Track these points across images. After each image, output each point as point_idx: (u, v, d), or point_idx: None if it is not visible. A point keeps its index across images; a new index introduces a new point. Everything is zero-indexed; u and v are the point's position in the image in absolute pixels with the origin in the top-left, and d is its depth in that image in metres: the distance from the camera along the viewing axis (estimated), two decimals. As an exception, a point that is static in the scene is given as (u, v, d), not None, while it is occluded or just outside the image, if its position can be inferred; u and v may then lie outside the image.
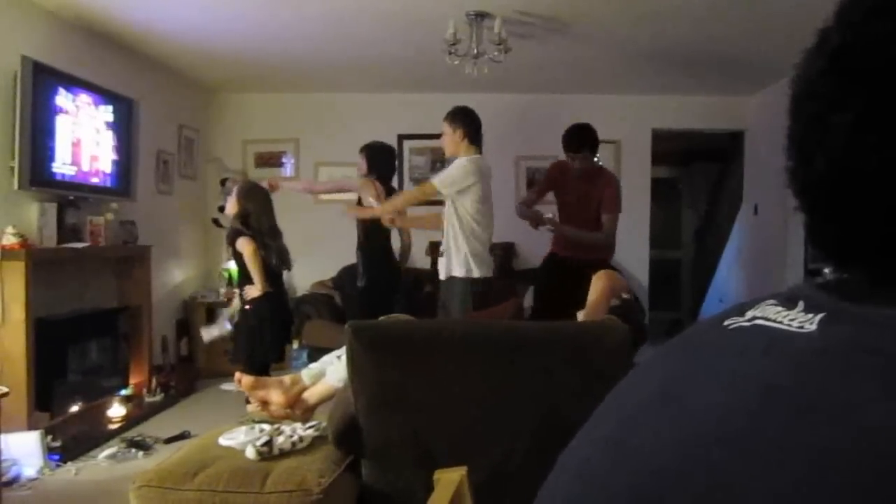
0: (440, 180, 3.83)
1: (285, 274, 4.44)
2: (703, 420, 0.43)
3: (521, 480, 1.93)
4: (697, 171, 8.96)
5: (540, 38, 4.87)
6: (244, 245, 4.05)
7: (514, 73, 5.54)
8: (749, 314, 0.49)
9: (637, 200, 6.78)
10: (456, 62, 4.48)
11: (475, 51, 4.46)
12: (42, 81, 4.04)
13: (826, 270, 0.56)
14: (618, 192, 4.44)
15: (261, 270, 4.05)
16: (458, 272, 3.80)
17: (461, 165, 3.80)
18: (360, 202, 4.61)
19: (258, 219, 4.14)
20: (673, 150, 7.92)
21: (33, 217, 4.15)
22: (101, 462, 3.89)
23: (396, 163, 5.18)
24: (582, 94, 6.63)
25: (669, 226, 8.89)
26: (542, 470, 0.57)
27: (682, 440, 0.43)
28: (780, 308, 0.47)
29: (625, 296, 1.99)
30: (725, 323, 0.50)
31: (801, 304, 0.46)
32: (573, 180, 4.42)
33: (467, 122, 3.90)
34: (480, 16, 4.34)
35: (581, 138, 4.32)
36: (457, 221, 3.81)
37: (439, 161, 6.66)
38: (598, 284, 2.63)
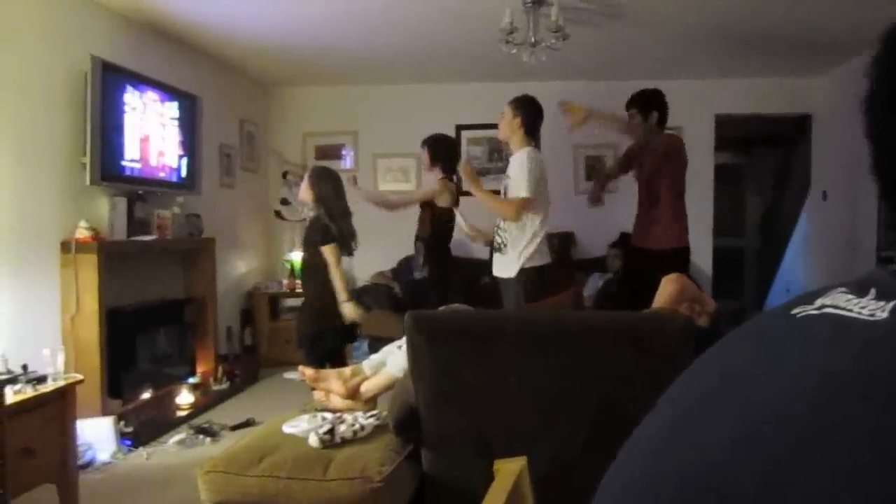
0: (528, 188, 3.74)
1: (346, 261, 4.41)
2: (762, 409, 0.42)
3: (580, 470, 1.92)
4: (762, 156, 8.73)
5: (597, 24, 4.81)
6: (330, 253, 3.97)
7: (571, 60, 5.48)
8: (818, 302, 0.48)
9: (700, 187, 6.63)
10: (513, 51, 4.45)
11: (532, 39, 4.42)
12: (111, 80, 4.16)
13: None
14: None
15: (344, 280, 4.04)
16: (516, 262, 3.79)
17: (534, 159, 3.80)
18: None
19: (333, 201, 4.07)
20: (736, 135, 7.72)
21: (104, 211, 4.29)
22: (171, 447, 4.02)
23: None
24: (641, 80, 6.45)
25: (733, 213, 8.68)
26: (602, 460, 0.56)
27: (740, 429, 0.42)
28: (850, 296, 0.46)
29: (701, 322, 1.90)
30: (793, 312, 0.49)
31: (872, 292, 0.45)
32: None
33: (529, 111, 3.89)
34: (537, 3, 4.30)
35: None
36: (526, 213, 3.80)
37: (497, 151, 6.64)
38: (666, 289, 2.54)
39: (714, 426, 0.45)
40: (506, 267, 3.87)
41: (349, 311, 4.02)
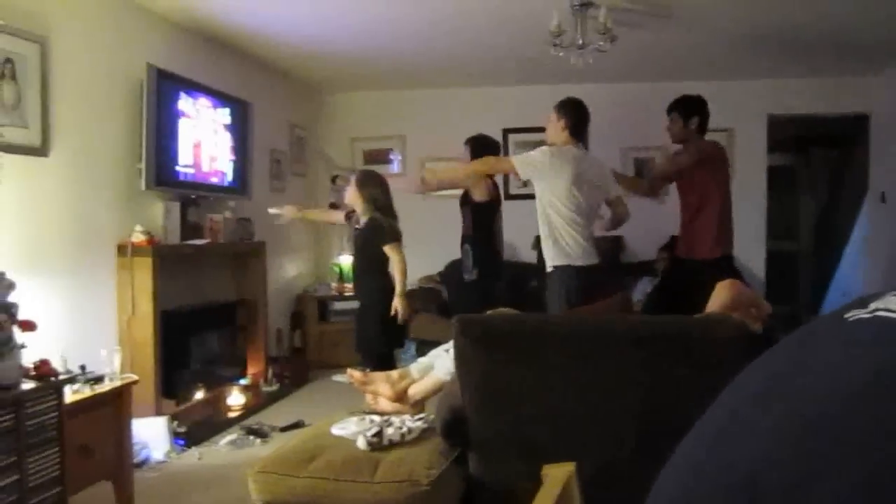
0: (519, 157, 3.81)
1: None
2: (802, 408, 0.42)
3: (629, 476, 1.90)
4: (816, 157, 8.51)
5: (646, 26, 4.75)
6: (397, 250, 3.99)
7: (619, 62, 5.42)
8: (872, 306, 0.47)
9: (752, 190, 6.51)
10: (560, 53, 4.43)
11: (580, 41, 4.39)
12: (165, 87, 4.26)
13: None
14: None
15: (404, 275, 4.05)
16: (558, 262, 3.76)
17: (542, 150, 3.79)
18: (466, 197, 4.62)
19: (382, 202, 4.08)
20: (790, 136, 7.55)
21: (158, 215, 4.39)
22: (222, 448, 4.09)
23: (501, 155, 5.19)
24: (691, 81, 6.40)
25: (786, 216, 8.49)
26: (651, 467, 0.56)
27: (779, 429, 0.42)
28: None
29: (755, 328, 1.84)
30: (846, 316, 0.48)
31: None
32: None
33: (573, 113, 3.86)
34: (585, 5, 4.27)
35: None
36: (552, 211, 3.76)
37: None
38: (720, 295, 2.46)
39: (757, 428, 0.45)
40: (547, 263, 3.86)
41: (403, 307, 4.05)
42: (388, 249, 3.99)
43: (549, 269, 3.78)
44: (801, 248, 8.71)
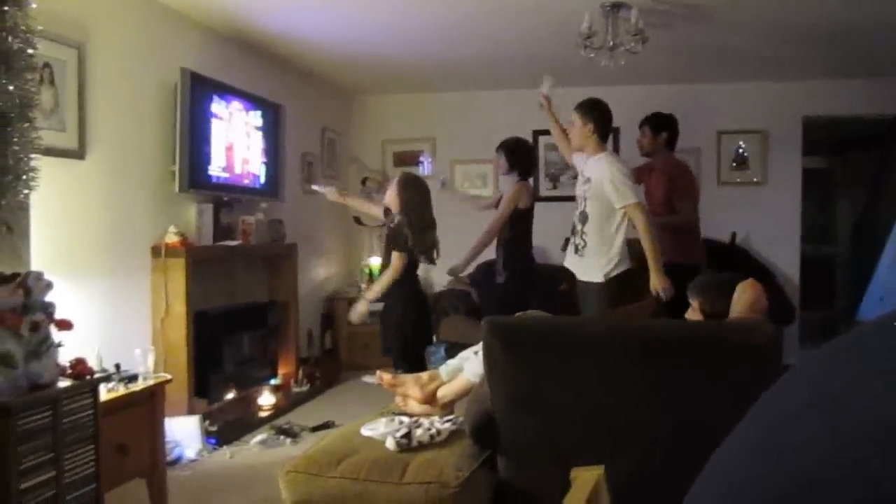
0: (633, 192, 3.78)
1: (425, 268, 4.42)
2: (862, 426, 0.40)
3: (660, 482, 1.88)
4: (854, 160, 8.36)
5: (678, 26, 4.70)
6: (397, 259, 4.01)
7: (651, 63, 5.37)
8: None
9: (788, 194, 6.42)
10: (591, 55, 4.40)
11: (611, 43, 4.36)
12: (198, 90, 4.31)
13: None
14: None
15: (385, 288, 4.05)
16: (601, 268, 3.76)
17: (619, 163, 3.83)
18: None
19: (418, 210, 4.08)
20: (826, 138, 7.42)
21: (192, 217, 4.44)
22: (253, 447, 4.13)
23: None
24: (724, 82, 6.35)
25: (823, 220, 8.35)
26: (683, 472, 0.55)
27: (838, 447, 0.41)
28: None
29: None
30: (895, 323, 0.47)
31: None
32: None
33: (599, 116, 3.86)
34: (616, 6, 4.24)
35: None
36: (598, 217, 3.76)
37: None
38: (742, 296, 2.45)
39: (808, 437, 0.43)
40: (588, 272, 3.83)
41: (360, 310, 4.11)
42: (393, 255, 4.00)
43: (600, 276, 3.77)
44: (837, 252, 8.56)
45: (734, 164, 6.50)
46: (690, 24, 4.67)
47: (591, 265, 3.81)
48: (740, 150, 6.49)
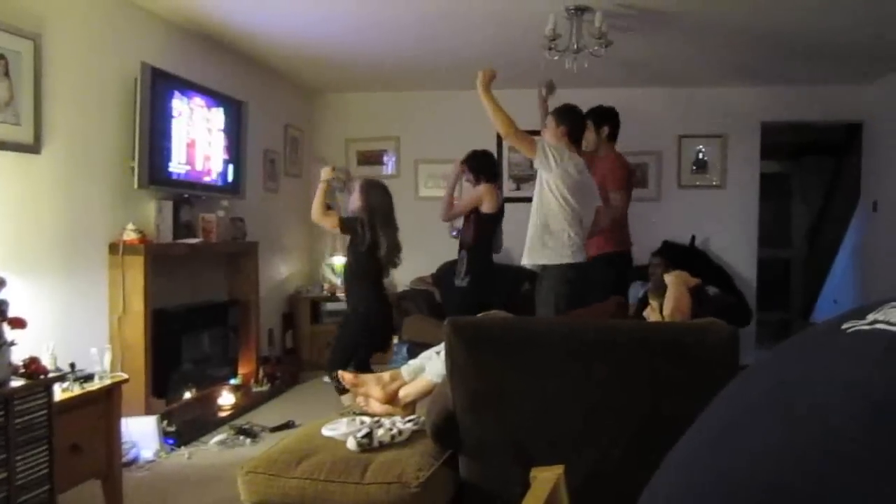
0: (542, 142, 3.84)
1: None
2: (814, 429, 0.41)
3: (619, 481, 1.90)
4: (810, 165, 8.55)
5: (641, 31, 4.76)
6: (332, 216, 4.35)
7: (614, 67, 5.44)
8: (870, 317, 0.47)
9: (745, 197, 6.54)
10: (555, 58, 4.44)
11: (575, 46, 4.40)
12: (159, 86, 4.25)
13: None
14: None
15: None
16: (551, 258, 3.80)
17: (560, 148, 3.86)
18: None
19: (381, 213, 4.22)
20: (783, 143, 7.58)
21: (151, 214, 4.37)
22: (212, 447, 4.08)
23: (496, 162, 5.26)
24: (685, 87, 6.44)
25: (779, 223, 8.52)
26: (641, 471, 0.56)
27: (790, 449, 0.41)
28: None
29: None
30: (843, 326, 0.48)
31: None
32: None
33: (572, 121, 3.94)
34: (580, 10, 4.28)
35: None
36: (554, 202, 3.79)
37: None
38: (675, 285, 2.55)
39: (761, 435, 0.44)
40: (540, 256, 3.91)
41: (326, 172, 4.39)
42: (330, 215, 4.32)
43: (547, 266, 3.82)
44: (793, 255, 8.75)
45: (694, 168, 6.60)
46: (653, 29, 4.73)
47: (542, 250, 3.87)
48: (700, 154, 6.60)
